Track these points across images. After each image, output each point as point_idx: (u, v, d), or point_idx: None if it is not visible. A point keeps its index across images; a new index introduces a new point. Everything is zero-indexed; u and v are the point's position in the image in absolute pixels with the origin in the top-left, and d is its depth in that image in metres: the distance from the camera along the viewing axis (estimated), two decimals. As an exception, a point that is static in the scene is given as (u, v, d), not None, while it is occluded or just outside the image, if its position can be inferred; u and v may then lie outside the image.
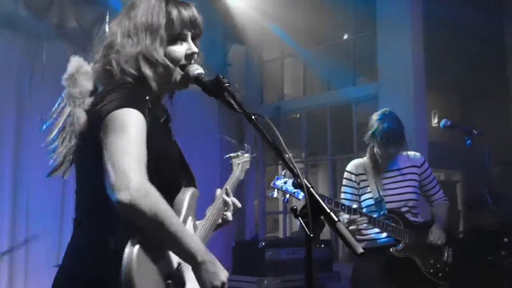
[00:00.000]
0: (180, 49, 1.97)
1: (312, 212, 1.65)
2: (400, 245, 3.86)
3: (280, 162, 3.60)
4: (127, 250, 1.67)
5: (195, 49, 2.00)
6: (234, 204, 2.27)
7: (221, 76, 1.92)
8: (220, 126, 7.37)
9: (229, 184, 2.34)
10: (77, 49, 6.03)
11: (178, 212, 1.91)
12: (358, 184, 4.05)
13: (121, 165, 1.66)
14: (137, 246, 1.68)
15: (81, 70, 1.92)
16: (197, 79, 1.98)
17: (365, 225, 3.85)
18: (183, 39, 1.99)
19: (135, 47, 1.91)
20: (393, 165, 4.03)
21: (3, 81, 5.58)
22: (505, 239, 4.31)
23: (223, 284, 1.84)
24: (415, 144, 5.77)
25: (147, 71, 1.90)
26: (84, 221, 1.90)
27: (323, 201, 3.69)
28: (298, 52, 7.68)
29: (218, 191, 2.28)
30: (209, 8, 6.93)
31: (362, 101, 6.94)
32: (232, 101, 1.91)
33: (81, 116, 1.84)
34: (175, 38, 1.97)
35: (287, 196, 3.60)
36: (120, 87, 1.84)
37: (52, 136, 1.87)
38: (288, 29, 7.08)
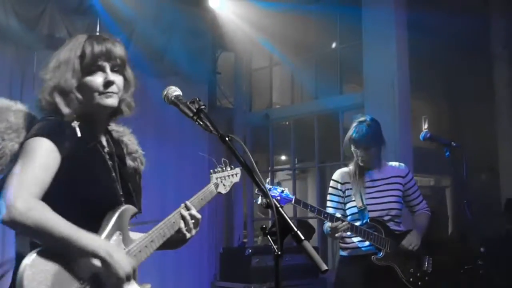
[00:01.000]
0: (95, 79, 2.14)
1: (281, 230, 1.74)
2: (381, 253, 3.92)
3: (270, 168, 3.71)
4: (21, 265, 1.84)
5: (111, 78, 2.16)
6: (193, 216, 2.33)
7: (197, 99, 2.06)
8: (210, 135, 7.40)
9: (193, 200, 2.41)
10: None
11: (102, 228, 2.05)
12: (344, 192, 4.11)
13: (12, 188, 1.87)
14: (30, 260, 1.84)
15: (11, 108, 2.13)
16: (174, 101, 2.12)
17: (348, 233, 3.92)
18: (101, 70, 2.15)
19: (53, 80, 2.12)
20: (377, 175, 4.10)
21: (-6, 89, 5.62)
22: (482, 249, 4.39)
23: (127, 275, 1.95)
24: (399, 151, 5.86)
25: (57, 99, 2.10)
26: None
27: (307, 208, 3.77)
28: (286, 61, 7.74)
29: (186, 203, 2.36)
30: (198, 17, 7.02)
31: (349, 109, 7.00)
32: (208, 123, 2.04)
33: (13, 149, 2.04)
34: (90, 70, 2.14)
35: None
36: (44, 119, 2.07)
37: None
38: (275, 38, 7.16)
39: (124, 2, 6.10)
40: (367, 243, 3.94)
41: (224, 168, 2.76)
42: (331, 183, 4.19)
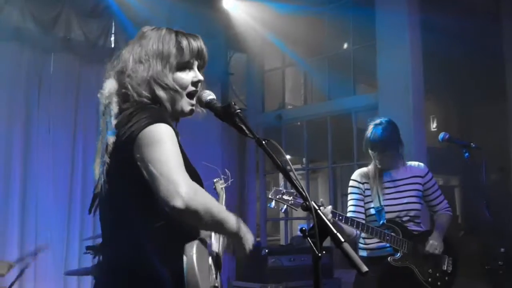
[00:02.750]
0: (186, 77, 2.09)
1: (320, 233, 1.77)
2: (398, 254, 3.92)
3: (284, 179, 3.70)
4: (186, 253, 1.85)
5: (201, 77, 2.12)
6: None
7: (233, 103, 2.04)
8: (222, 129, 7.39)
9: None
10: (83, 60, 6.15)
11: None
12: (364, 192, 4.10)
13: (167, 174, 1.77)
14: (194, 249, 1.87)
15: (113, 97, 2.02)
16: (209, 105, 2.11)
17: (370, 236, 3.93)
18: (190, 67, 2.11)
19: (146, 72, 2.01)
20: (396, 175, 4.10)
21: (11, 92, 5.67)
22: (502, 249, 4.38)
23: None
24: (414, 151, 5.86)
25: (161, 93, 2.01)
26: (115, 243, 1.98)
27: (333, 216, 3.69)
28: (298, 62, 7.74)
29: None
30: (211, 18, 7.03)
31: (362, 110, 7.02)
32: (244, 127, 2.03)
33: (111, 139, 1.94)
34: (183, 66, 2.09)
35: (285, 206, 3.66)
36: (145, 107, 1.96)
37: (96, 165, 1.99)
38: (288, 39, 7.16)
39: (138, 4, 6.14)
40: (386, 244, 3.95)
41: (223, 178, 2.81)
42: (351, 183, 4.18)
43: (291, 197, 3.64)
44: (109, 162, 1.93)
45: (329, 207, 3.68)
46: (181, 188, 1.75)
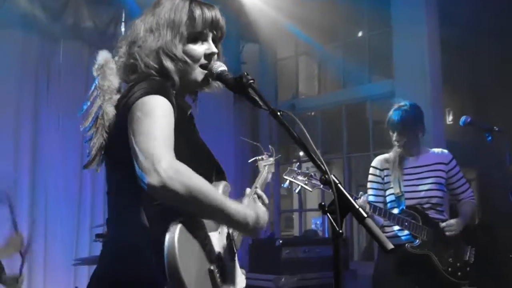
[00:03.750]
0: (199, 48, 1.99)
1: (341, 208, 1.64)
2: (417, 241, 3.83)
3: (296, 160, 3.62)
4: (167, 235, 1.64)
5: (215, 50, 2.02)
6: (263, 200, 2.23)
7: (246, 73, 1.94)
8: (235, 125, 7.35)
9: (258, 183, 2.32)
10: (93, 48, 6.07)
11: None
12: (383, 179, 4.05)
13: (148, 148, 1.65)
14: (177, 230, 1.65)
15: (109, 64, 1.94)
16: (220, 76, 2.01)
17: (386, 222, 3.85)
18: (204, 39, 2.01)
19: (156, 41, 1.93)
20: (418, 162, 4.02)
21: (20, 81, 5.61)
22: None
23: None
24: (432, 142, 5.73)
25: (169, 64, 1.92)
26: (117, 221, 1.90)
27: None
28: (312, 50, 7.64)
29: (248, 190, 2.25)
30: (222, 5, 6.91)
31: (378, 98, 6.90)
32: (257, 98, 1.92)
33: (110, 112, 1.86)
34: (196, 37, 1.99)
35: (299, 187, 3.59)
36: (147, 78, 1.86)
37: (88, 123, 1.88)
38: (302, 26, 7.05)
39: (148, -6, 6.04)
40: (406, 231, 3.86)
41: (267, 156, 2.67)
42: (371, 170, 4.14)
43: (306, 178, 3.58)
44: (109, 136, 1.85)
45: (364, 198, 3.62)
46: (158, 165, 1.61)
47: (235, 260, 2.02)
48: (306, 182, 3.61)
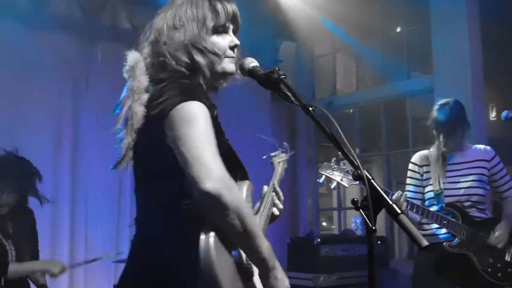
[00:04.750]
0: (223, 41, 2.02)
1: (374, 204, 1.60)
2: (456, 240, 3.75)
3: (335, 156, 3.59)
4: (202, 237, 1.67)
5: (237, 41, 2.05)
6: (280, 197, 2.27)
7: (277, 68, 1.95)
8: (272, 124, 7.33)
9: (275, 180, 2.34)
10: (131, 49, 6.11)
11: None
12: (422, 175, 3.98)
13: (201, 156, 1.67)
14: (212, 233, 1.68)
15: (139, 65, 1.95)
16: (252, 72, 2.02)
17: (424, 219, 3.78)
18: (226, 31, 2.04)
19: (183, 36, 1.94)
20: (459, 158, 3.93)
21: (60, 81, 5.71)
22: None
23: None
24: (473, 139, 5.62)
25: (200, 58, 1.94)
26: (146, 220, 1.91)
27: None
28: (350, 47, 7.57)
29: (265, 188, 2.27)
30: (259, 4, 6.92)
31: (417, 94, 6.81)
32: (289, 93, 1.92)
33: (139, 112, 1.86)
34: (219, 29, 2.01)
35: (334, 183, 3.56)
36: (177, 81, 1.86)
37: (119, 125, 1.91)
38: (339, 23, 7.00)
39: (182, -8, 6.08)
40: (444, 230, 3.78)
41: (282, 151, 2.67)
42: (410, 166, 4.07)
43: (342, 173, 3.55)
44: (138, 136, 1.86)
45: (399, 193, 3.56)
46: (214, 174, 1.64)
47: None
48: (342, 177, 3.59)
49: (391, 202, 1.60)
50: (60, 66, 5.73)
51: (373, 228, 1.57)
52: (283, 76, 1.93)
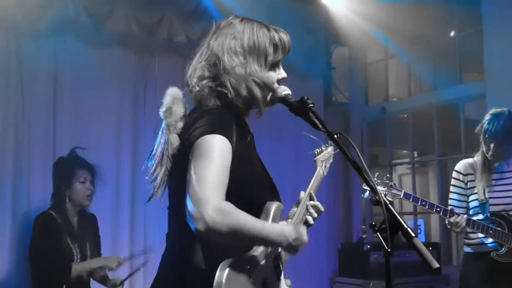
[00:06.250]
0: (274, 75, 2.09)
1: (391, 227, 1.73)
2: (503, 249, 3.76)
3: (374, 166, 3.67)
4: (218, 273, 1.79)
5: (285, 75, 2.12)
6: (317, 207, 2.32)
7: (306, 97, 2.05)
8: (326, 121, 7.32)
9: (312, 188, 2.38)
10: (186, 61, 6.24)
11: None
12: (466, 184, 3.99)
13: (198, 191, 1.76)
14: (227, 270, 1.80)
15: (176, 101, 2.05)
16: (284, 99, 2.11)
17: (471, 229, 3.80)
18: (278, 64, 2.11)
19: (244, 69, 2.00)
20: (505, 167, 3.93)
21: (120, 94, 5.94)
22: None
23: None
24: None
25: (258, 93, 2.02)
26: (174, 237, 2.06)
27: (417, 203, 3.71)
28: (402, 53, 7.56)
29: (302, 194, 2.34)
30: (310, 13, 7.01)
31: (470, 100, 6.78)
32: (317, 121, 2.03)
33: (175, 141, 1.98)
34: (275, 64, 2.09)
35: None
36: (209, 112, 1.96)
37: (154, 170, 2.02)
38: (390, 30, 7.00)
39: (236, 3, 6.22)
40: (491, 239, 3.80)
41: (325, 147, 2.69)
42: (454, 174, 4.07)
43: (386, 188, 3.61)
44: (172, 165, 1.98)
45: (465, 217, 3.61)
46: (205, 211, 1.72)
47: (281, 279, 2.13)
48: (386, 192, 3.65)
49: (406, 226, 1.73)
50: (120, 78, 5.95)
51: (389, 250, 1.70)
52: (312, 105, 2.03)
